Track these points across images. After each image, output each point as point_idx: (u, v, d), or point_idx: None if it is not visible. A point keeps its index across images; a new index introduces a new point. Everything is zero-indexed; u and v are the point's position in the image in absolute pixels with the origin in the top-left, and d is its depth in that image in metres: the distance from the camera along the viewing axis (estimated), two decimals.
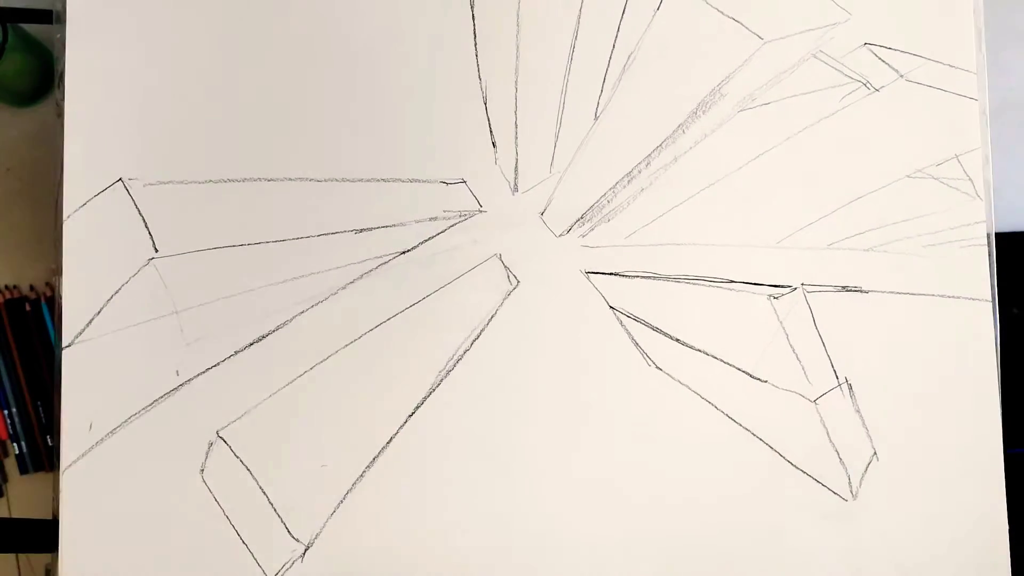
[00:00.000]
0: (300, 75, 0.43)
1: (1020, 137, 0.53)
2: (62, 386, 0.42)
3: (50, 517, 0.45)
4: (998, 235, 0.44)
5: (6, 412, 0.57)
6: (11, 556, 0.56)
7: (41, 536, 0.54)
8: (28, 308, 0.57)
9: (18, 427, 0.57)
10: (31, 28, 0.56)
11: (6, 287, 0.58)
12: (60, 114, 0.43)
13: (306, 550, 0.41)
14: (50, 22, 0.43)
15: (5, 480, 0.57)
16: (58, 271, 0.43)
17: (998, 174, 0.44)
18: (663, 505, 0.42)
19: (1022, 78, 0.53)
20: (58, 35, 0.44)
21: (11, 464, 0.57)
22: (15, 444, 0.57)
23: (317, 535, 0.41)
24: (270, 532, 0.41)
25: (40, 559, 0.56)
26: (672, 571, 0.42)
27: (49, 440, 0.57)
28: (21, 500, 0.57)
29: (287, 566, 0.41)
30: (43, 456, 0.57)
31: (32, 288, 0.58)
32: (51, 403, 0.57)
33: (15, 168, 0.58)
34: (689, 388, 0.43)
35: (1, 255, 0.58)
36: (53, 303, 0.57)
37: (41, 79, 0.57)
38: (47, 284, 0.58)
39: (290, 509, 0.41)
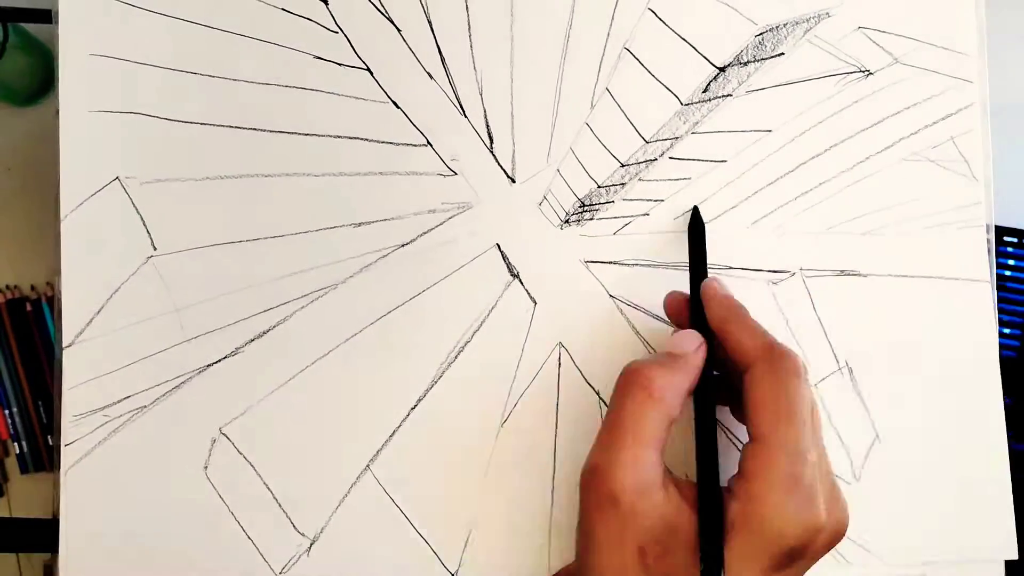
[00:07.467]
0: (296, 69, 0.43)
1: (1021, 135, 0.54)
2: (62, 385, 0.41)
3: (51, 517, 0.45)
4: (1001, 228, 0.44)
5: (7, 412, 0.57)
6: (12, 556, 0.56)
7: (42, 535, 0.54)
8: (29, 308, 0.57)
9: (19, 427, 0.57)
10: (31, 28, 0.56)
11: (6, 287, 0.58)
12: (56, 114, 0.43)
13: (312, 544, 0.41)
14: (50, 22, 0.43)
15: (6, 480, 0.57)
16: (59, 271, 0.43)
17: (999, 172, 0.44)
18: None
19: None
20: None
21: (11, 464, 0.57)
22: (15, 444, 0.57)
23: (322, 529, 0.41)
24: (275, 527, 0.41)
25: (40, 558, 0.56)
26: None
27: (49, 440, 0.57)
28: (21, 500, 0.57)
29: (293, 560, 0.41)
30: (44, 456, 0.57)
31: (33, 288, 0.58)
32: (51, 403, 0.57)
33: (15, 168, 0.58)
34: None
35: (1, 255, 0.58)
36: (54, 303, 0.57)
37: (41, 79, 0.57)
38: (48, 284, 0.58)
39: (295, 504, 0.41)
